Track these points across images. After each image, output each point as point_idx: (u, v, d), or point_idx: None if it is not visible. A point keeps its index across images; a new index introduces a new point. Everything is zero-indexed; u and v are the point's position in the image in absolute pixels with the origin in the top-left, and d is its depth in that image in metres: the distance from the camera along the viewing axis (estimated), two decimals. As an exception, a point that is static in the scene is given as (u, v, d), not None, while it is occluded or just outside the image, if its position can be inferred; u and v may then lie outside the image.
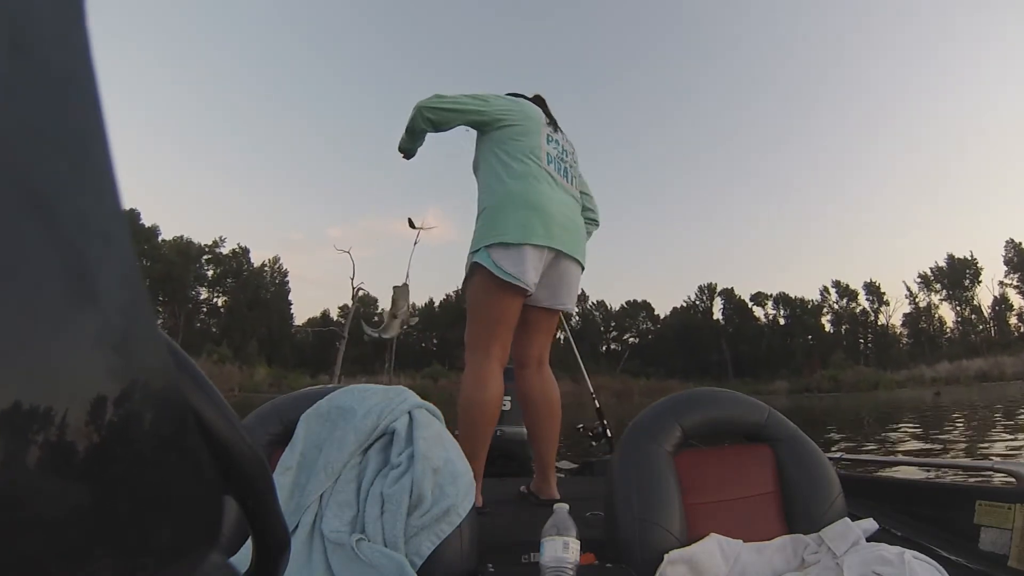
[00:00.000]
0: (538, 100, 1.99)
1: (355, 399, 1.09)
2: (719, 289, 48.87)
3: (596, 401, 2.77)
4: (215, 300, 42.29)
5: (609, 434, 2.69)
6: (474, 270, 1.71)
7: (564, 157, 1.86)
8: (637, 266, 70.64)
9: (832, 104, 68.93)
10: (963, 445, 6.26)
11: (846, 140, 68.38)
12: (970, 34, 62.83)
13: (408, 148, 1.91)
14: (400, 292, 3.00)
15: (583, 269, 1.86)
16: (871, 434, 7.98)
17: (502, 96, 1.87)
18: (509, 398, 2.64)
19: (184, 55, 64.15)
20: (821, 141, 69.37)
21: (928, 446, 6.17)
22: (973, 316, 42.55)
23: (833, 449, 1.74)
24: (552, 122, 1.91)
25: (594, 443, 2.78)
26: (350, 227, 65.68)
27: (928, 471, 2.23)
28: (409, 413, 1.09)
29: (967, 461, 2.51)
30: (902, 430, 8.37)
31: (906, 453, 5.92)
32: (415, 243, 3.29)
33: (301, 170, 70.07)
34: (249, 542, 0.35)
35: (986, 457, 4.99)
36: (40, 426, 0.16)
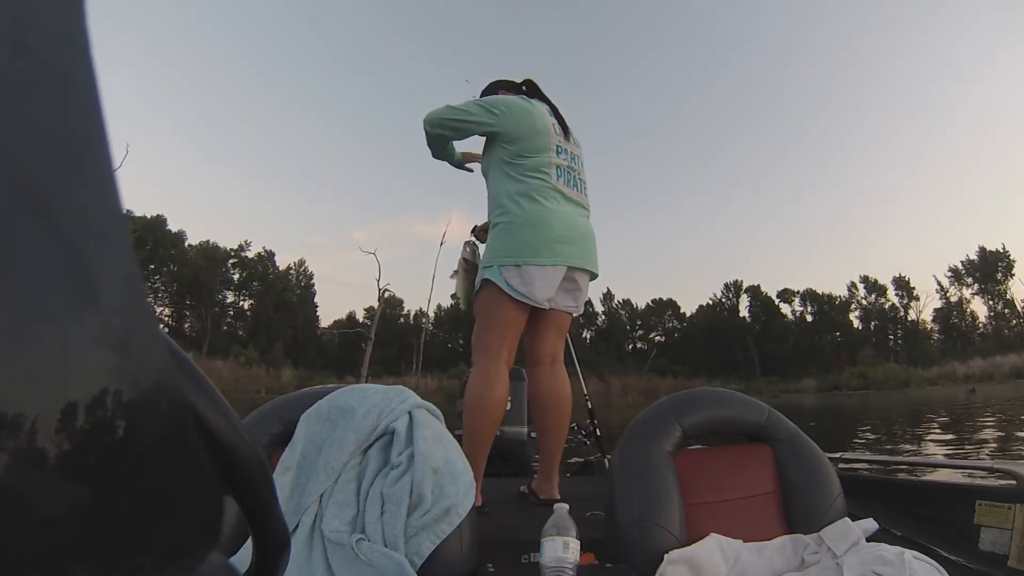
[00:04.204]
0: (530, 85, 1.97)
1: (355, 399, 1.10)
2: (745, 286, 47.86)
3: (588, 402, 2.85)
4: (241, 303, 42.70)
5: (599, 433, 2.74)
6: (485, 283, 1.77)
7: (574, 165, 1.86)
8: (662, 264, 69.43)
9: (857, 95, 66.96)
10: (996, 445, 6.08)
11: (872, 131, 66.30)
12: (999, 21, 60.71)
13: (442, 159, 1.96)
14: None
15: (595, 275, 1.90)
16: (902, 433, 7.81)
17: (513, 104, 1.81)
18: (510, 398, 2.70)
19: (206, 59, 65.14)
20: (847, 133, 67.39)
21: (963, 448, 6.00)
22: (1006, 310, 40.83)
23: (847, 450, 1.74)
24: (563, 127, 1.88)
25: (587, 443, 2.83)
26: (375, 229, 65.67)
27: (929, 471, 2.20)
28: (409, 413, 1.09)
29: (967, 461, 2.47)
30: (934, 429, 8.16)
31: (937, 445, 5.77)
32: (441, 243, 3.34)
33: (325, 173, 70.38)
34: (249, 542, 0.35)
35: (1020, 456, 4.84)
36: (39, 426, 0.16)
